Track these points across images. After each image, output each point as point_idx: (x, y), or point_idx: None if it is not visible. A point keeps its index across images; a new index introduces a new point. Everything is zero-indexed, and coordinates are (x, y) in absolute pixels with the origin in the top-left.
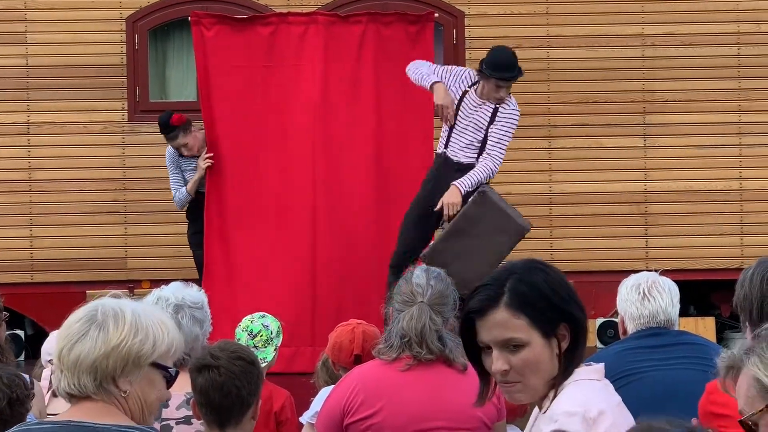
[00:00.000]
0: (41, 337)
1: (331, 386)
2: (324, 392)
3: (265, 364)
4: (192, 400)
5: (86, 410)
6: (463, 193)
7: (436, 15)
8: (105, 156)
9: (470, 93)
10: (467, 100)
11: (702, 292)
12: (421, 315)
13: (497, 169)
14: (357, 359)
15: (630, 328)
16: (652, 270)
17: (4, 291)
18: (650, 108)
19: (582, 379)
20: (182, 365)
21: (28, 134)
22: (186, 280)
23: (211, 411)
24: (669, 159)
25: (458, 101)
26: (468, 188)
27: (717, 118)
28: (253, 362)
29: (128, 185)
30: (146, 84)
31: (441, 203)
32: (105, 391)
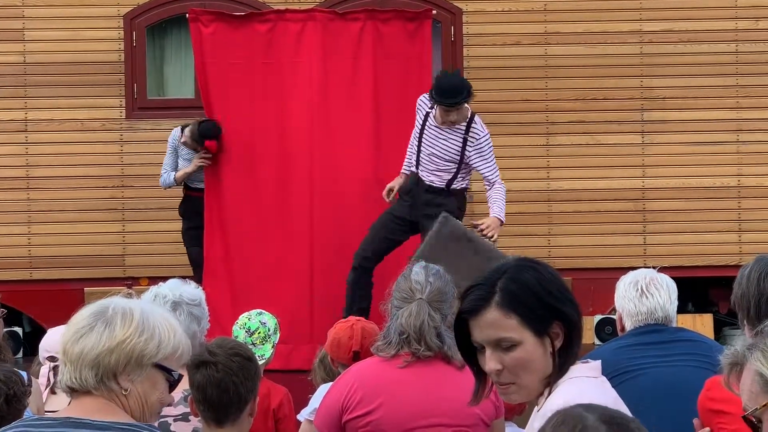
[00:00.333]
0: (39, 334)
1: (330, 383)
2: (323, 389)
3: (263, 361)
4: (189, 397)
5: (85, 406)
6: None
7: (434, 12)
8: (103, 153)
9: (431, 116)
10: (430, 124)
11: (700, 289)
12: (420, 312)
13: (505, 189)
14: (356, 356)
15: (628, 325)
16: (650, 267)
17: (2, 288)
18: (648, 105)
19: (577, 377)
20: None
21: (26, 131)
22: (184, 277)
23: (209, 408)
24: (667, 156)
25: (422, 126)
26: (503, 217)
27: (715, 115)
28: (251, 359)
29: (126, 182)
30: (144, 81)
31: (486, 224)
32: (106, 387)
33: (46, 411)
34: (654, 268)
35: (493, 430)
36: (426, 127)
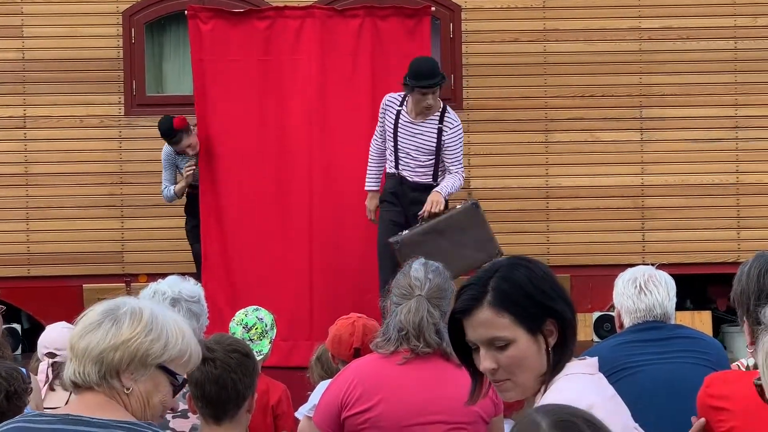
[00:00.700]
0: (38, 331)
1: (329, 380)
2: (322, 386)
3: (261, 357)
4: (188, 394)
5: (86, 403)
6: (445, 198)
7: (433, 9)
8: (102, 150)
9: (403, 113)
10: (403, 122)
11: (698, 286)
12: (419, 308)
13: (462, 183)
14: (356, 352)
15: (626, 322)
16: (649, 264)
17: (1, 285)
18: (647, 102)
19: (573, 373)
20: None
21: (25, 128)
22: (183, 274)
23: (207, 404)
24: (666, 153)
25: (395, 125)
26: (446, 195)
27: (714, 112)
28: (249, 355)
29: (125, 179)
30: (143, 78)
31: (425, 208)
32: (108, 385)
33: (45, 408)
34: (652, 265)
35: (492, 428)
36: (399, 125)
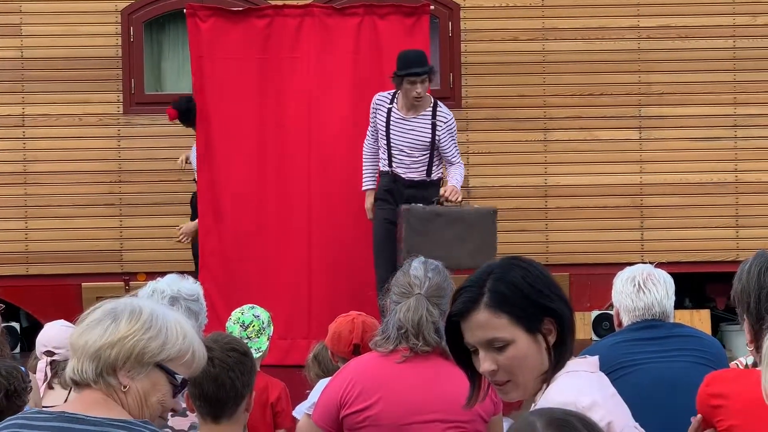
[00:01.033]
0: (36, 330)
1: (328, 378)
2: (321, 384)
3: (260, 354)
4: (185, 393)
5: (83, 401)
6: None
7: (432, 7)
8: (100, 148)
9: (394, 110)
10: (395, 119)
11: (697, 285)
12: (418, 307)
13: (464, 172)
14: (356, 349)
15: (625, 321)
16: (648, 262)
17: (0, 283)
18: (646, 100)
19: (574, 371)
20: None
21: (23, 126)
22: (181, 273)
23: (205, 403)
24: (664, 151)
25: (386, 122)
26: (460, 185)
27: (713, 111)
28: (247, 354)
29: (123, 177)
30: (141, 76)
31: (448, 190)
32: (104, 382)
33: (44, 406)
34: (651, 264)
35: (491, 426)
36: (392, 123)
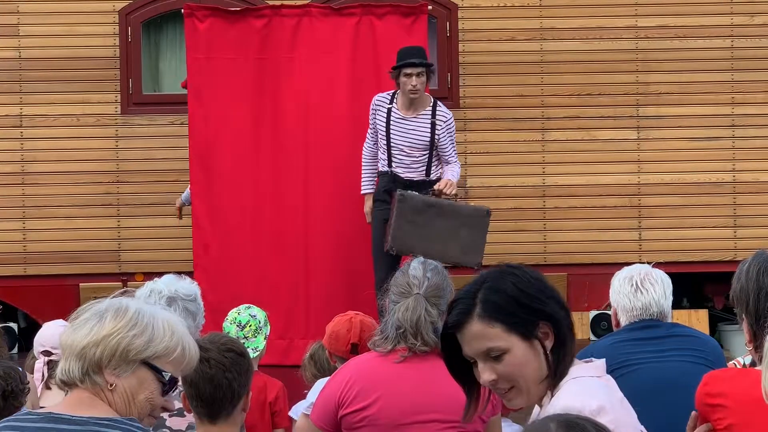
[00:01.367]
0: (34, 330)
1: (326, 378)
2: (320, 384)
3: (258, 353)
4: (182, 393)
5: (70, 401)
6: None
7: (430, 7)
8: (98, 149)
9: (394, 110)
10: (395, 119)
11: (695, 285)
12: (417, 306)
13: (460, 171)
14: (354, 348)
15: (623, 321)
16: (645, 262)
17: None
18: (643, 100)
19: (581, 376)
20: None
21: (21, 127)
22: (179, 273)
23: (202, 403)
24: (662, 151)
25: (386, 122)
26: (456, 179)
27: (710, 111)
28: (243, 354)
29: (121, 178)
30: (139, 76)
31: (443, 183)
32: (91, 381)
33: (41, 407)
34: (649, 264)
35: (490, 427)
36: (391, 123)
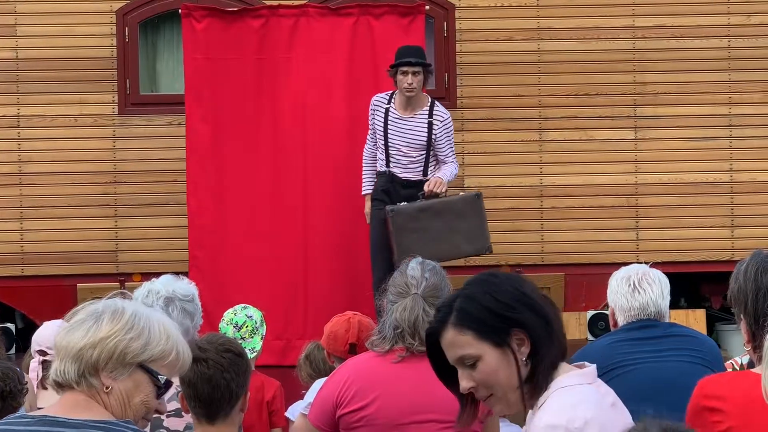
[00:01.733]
0: (32, 331)
1: (324, 378)
2: (318, 384)
3: (254, 354)
4: (180, 393)
5: (65, 403)
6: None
7: (427, 7)
8: (95, 149)
9: (392, 110)
10: (392, 118)
11: (693, 284)
12: (415, 306)
13: (457, 171)
14: (352, 348)
15: (620, 321)
16: (643, 262)
17: None
18: (641, 100)
19: (570, 385)
20: None
21: (18, 127)
22: (176, 273)
23: (200, 404)
24: (660, 151)
25: (384, 122)
26: (447, 181)
27: (708, 111)
28: (241, 354)
29: (119, 178)
30: (137, 77)
31: (430, 183)
32: (87, 383)
33: (39, 407)
34: (646, 264)
35: (488, 427)
36: (389, 122)
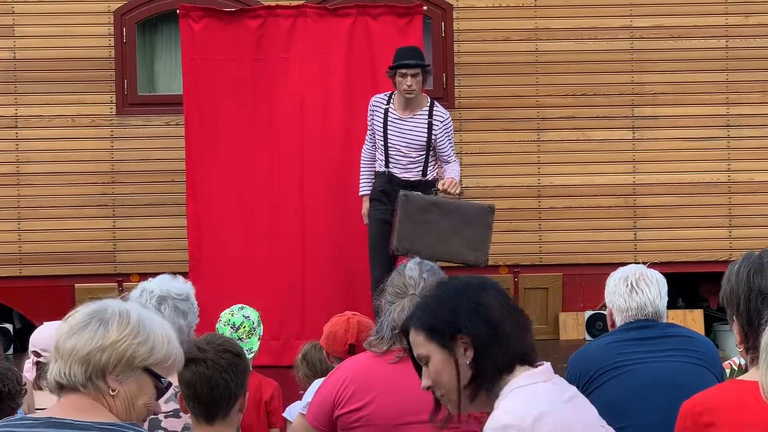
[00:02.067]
0: (30, 331)
1: (322, 379)
2: (316, 384)
3: (252, 355)
4: (179, 394)
5: (70, 405)
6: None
7: (425, 7)
8: (93, 149)
9: (391, 110)
10: (392, 119)
11: (690, 285)
12: (413, 307)
13: (460, 170)
14: (351, 349)
15: (618, 321)
16: (641, 262)
17: None
18: (639, 100)
19: (524, 385)
20: None
21: (16, 128)
22: (174, 274)
23: (199, 404)
24: (657, 151)
25: (383, 122)
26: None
27: (705, 111)
28: (240, 355)
29: (116, 178)
30: (134, 77)
31: (446, 182)
32: (93, 386)
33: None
34: (644, 264)
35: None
36: (389, 123)
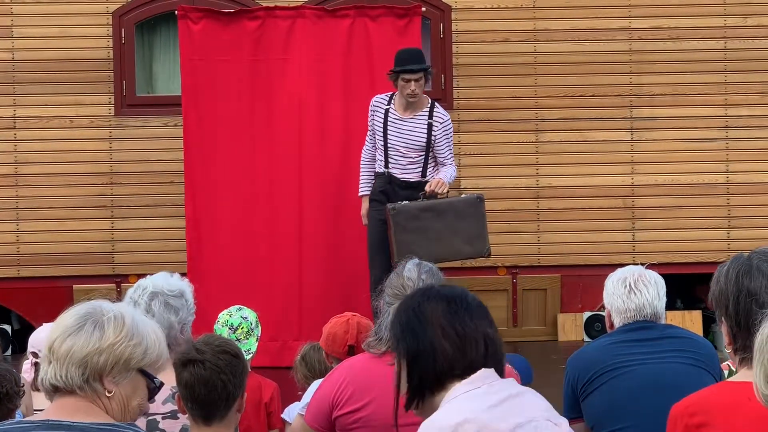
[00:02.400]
0: (28, 332)
1: (321, 380)
2: (315, 385)
3: (250, 356)
4: (177, 395)
5: (66, 407)
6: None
7: (423, 9)
8: (92, 150)
9: (391, 111)
10: (392, 119)
11: (689, 286)
12: None
13: (456, 174)
14: (350, 350)
15: (617, 322)
16: (639, 263)
17: None
18: (637, 102)
19: (455, 396)
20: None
21: (15, 128)
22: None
23: (197, 405)
24: (656, 153)
25: (384, 122)
26: (447, 182)
27: (704, 112)
28: (238, 356)
29: (115, 179)
30: (133, 78)
31: (432, 184)
32: (90, 388)
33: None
34: (642, 265)
35: None
36: (389, 123)
